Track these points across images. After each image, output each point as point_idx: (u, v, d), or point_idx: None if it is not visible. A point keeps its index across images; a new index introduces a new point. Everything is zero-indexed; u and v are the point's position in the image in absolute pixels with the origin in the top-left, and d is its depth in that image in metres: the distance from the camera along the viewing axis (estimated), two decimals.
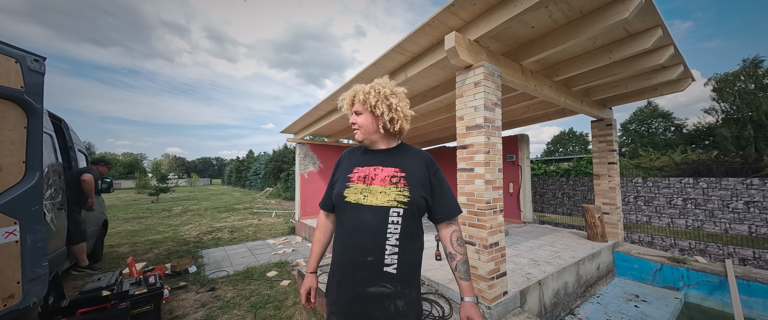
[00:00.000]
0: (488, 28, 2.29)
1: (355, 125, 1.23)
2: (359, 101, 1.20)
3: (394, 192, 1.13)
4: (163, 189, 16.55)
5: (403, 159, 1.22)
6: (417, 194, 1.14)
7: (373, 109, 1.17)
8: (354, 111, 1.24)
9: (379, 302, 1.08)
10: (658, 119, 27.30)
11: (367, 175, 1.19)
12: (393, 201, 1.11)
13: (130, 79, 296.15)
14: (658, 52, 2.95)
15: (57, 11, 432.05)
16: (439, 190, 1.21)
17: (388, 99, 1.18)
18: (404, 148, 1.27)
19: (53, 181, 2.76)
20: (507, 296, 2.52)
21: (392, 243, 1.10)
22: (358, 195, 1.15)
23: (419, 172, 1.18)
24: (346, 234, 1.15)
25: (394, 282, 1.09)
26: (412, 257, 1.14)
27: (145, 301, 2.70)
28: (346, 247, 1.13)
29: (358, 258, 1.10)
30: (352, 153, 1.31)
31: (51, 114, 3.21)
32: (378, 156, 1.24)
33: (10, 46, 1.80)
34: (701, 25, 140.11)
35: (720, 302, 3.42)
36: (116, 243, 6.19)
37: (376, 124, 1.20)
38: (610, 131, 4.62)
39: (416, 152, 1.26)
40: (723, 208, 4.28)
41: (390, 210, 1.11)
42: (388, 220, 1.10)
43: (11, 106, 1.79)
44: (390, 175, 1.17)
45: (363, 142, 1.25)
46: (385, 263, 1.09)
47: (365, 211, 1.12)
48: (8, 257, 1.73)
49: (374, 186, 1.15)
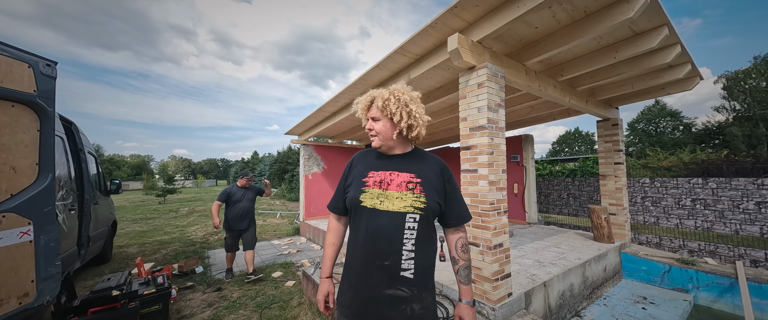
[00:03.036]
0: (491, 30, 2.28)
1: (372, 131, 1.21)
2: (378, 107, 1.18)
3: (410, 198, 1.13)
4: (170, 190, 16.81)
5: (419, 164, 1.21)
6: (432, 200, 1.14)
7: (393, 116, 1.16)
8: (371, 117, 1.22)
9: (395, 305, 1.08)
10: (667, 118, 26.85)
11: (383, 180, 1.18)
12: (409, 207, 1.12)
13: (139, 82, 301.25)
14: (664, 50, 2.91)
15: (68, 16, 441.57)
16: (453, 196, 1.22)
17: (408, 106, 1.16)
18: (419, 153, 1.27)
19: (65, 183, 2.83)
20: (511, 297, 2.51)
21: (408, 249, 1.10)
22: (375, 200, 1.15)
23: (434, 178, 1.19)
24: (363, 238, 1.14)
25: (411, 286, 1.10)
26: (428, 261, 1.15)
27: (154, 301, 2.75)
28: (363, 251, 1.14)
29: (375, 262, 1.10)
30: (365, 156, 1.30)
31: (62, 117, 3.28)
32: (393, 160, 1.23)
33: (23, 51, 1.86)
34: (710, 22, 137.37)
35: (731, 304, 3.36)
36: (125, 243, 6.29)
37: (393, 131, 1.19)
38: (617, 131, 4.56)
39: (431, 158, 1.26)
40: (733, 209, 4.19)
41: (407, 216, 1.11)
42: (404, 226, 1.11)
43: (24, 110, 1.85)
44: (406, 181, 1.17)
45: (380, 148, 1.24)
46: (402, 267, 1.09)
47: (382, 217, 1.12)
48: (23, 256, 1.78)
49: (390, 192, 1.15)
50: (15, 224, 1.75)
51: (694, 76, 3.71)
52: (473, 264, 2.51)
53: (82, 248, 3.20)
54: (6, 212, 1.71)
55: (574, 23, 2.45)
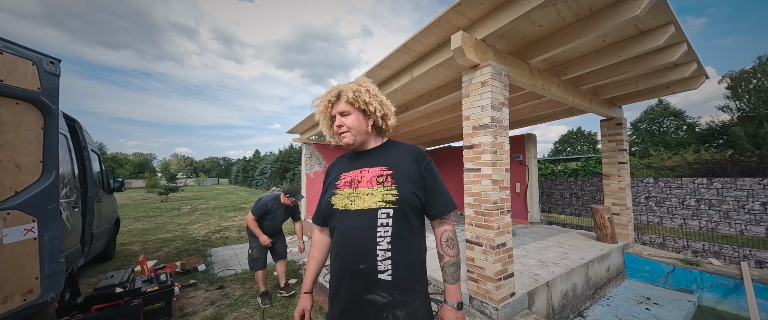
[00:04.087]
0: (495, 27, 2.27)
1: (342, 127, 1.12)
2: (347, 100, 1.10)
3: (381, 192, 1.05)
4: (172, 188, 16.88)
5: (389, 155, 1.14)
6: (406, 191, 1.05)
7: (366, 106, 1.10)
8: (338, 112, 1.13)
9: (376, 312, 1.00)
10: (670, 117, 26.66)
11: (353, 179, 1.12)
12: (381, 202, 1.04)
13: (142, 81, 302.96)
14: (670, 49, 2.89)
15: (72, 14, 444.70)
16: (432, 185, 1.12)
17: (378, 96, 1.13)
18: (391, 144, 1.20)
19: (68, 181, 2.84)
20: (514, 297, 2.50)
21: (384, 248, 1.01)
22: (345, 200, 1.09)
23: (407, 167, 1.10)
24: (337, 242, 1.09)
25: (391, 289, 1.00)
26: (409, 260, 1.05)
27: (157, 298, 2.76)
28: (338, 256, 1.07)
29: (351, 267, 1.03)
30: (339, 161, 1.26)
31: (65, 115, 3.29)
32: (364, 157, 1.17)
33: (26, 48, 1.86)
34: (715, 21, 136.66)
35: (735, 305, 3.33)
36: (128, 241, 6.33)
37: (366, 123, 1.13)
38: (620, 130, 4.53)
39: (403, 147, 1.18)
40: (738, 209, 4.16)
41: (378, 212, 1.03)
42: (377, 223, 1.02)
43: (28, 107, 1.85)
44: (376, 175, 1.09)
45: (353, 144, 1.15)
46: (379, 270, 1.00)
47: (352, 216, 1.05)
48: (27, 253, 1.78)
49: (360, 189, 1.08)
50: (19, 221, 1.75)
51: (700, 75, 3.67)
52: (476, 263, 2.50)
53: (86, 245, 3.22)
54: (10, 209, 1.71)
55: (579, 21, 2.43)
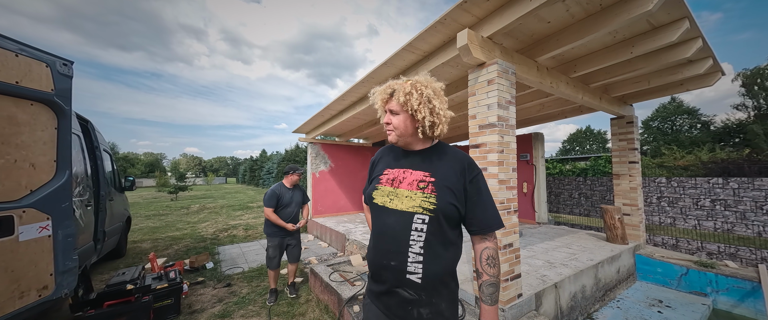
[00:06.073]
0: (502, 25, 2.23)
1: (389, 125, 1.12)
2: (398, 101, 1.08)
3: (420, 197, 1.05)
4: (181, 187, 17.18)
5: (436, 162, 1.12)
6: (444, 202, 1.04)
7: (414, 112, 1.06)
8: (389, 109, 1.12)
9: (401, 304, 1.05)
10: (683, 116, 25.94)
11: (395, 178, 1.14)
12: (418, 207, 1.04)
13: (153, 82, 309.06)
14: (684, 45, 2.80)
15: (85, 17, 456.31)
16: (476, 199, 1.08)
17: (431, 102, 1.06)
18: (440, 148, 1.17)
19: (81, 180, 2.91)
20: (521, 298, 2.46)
21: (416, 251, 1.02)
22: (385, 198, 1.11)
23: (452, 177, 1.08)
24: (374, 235, 1.14)
25: (418, 290, 1.03)
26: (440, 267, 1.04)
27: (167, 295, 2.81)
28: (374, 248, 1.13)
29: (383, 261, 1.07)
30: (386, 153, 1.26)
31: (78, 115, 3.38)
32: (410, 158, 1.16)
33: (41, 50, 1.91)
34: (731, 16, 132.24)
35: (752, 309, 3.22)
36: (139, 239, 6.47)
37: (413, 127, 1.10)
38: (632, 129, 4.43)
39: (453, 155, 1.14)
40: (756, 210, 4.02)
41: (414, 217, 1.04)
42: (411, 227, 1.04)
43: (42, 108, 1.90)
44: (418, 179, 1.09)
45: (397, 143, 1.16)
46: (408, 270, 1.03)
47: (390, 215, 1.08)
48: (42, 250, 1.84)
49: (401, 190, 1.10)
50: (34, 219, 1.80)
51: (716, 72, 3.56)
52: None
53: (98, 243, 3.30)
54: (26, 207, 1.77)
55: (589, 17, 2.37)
